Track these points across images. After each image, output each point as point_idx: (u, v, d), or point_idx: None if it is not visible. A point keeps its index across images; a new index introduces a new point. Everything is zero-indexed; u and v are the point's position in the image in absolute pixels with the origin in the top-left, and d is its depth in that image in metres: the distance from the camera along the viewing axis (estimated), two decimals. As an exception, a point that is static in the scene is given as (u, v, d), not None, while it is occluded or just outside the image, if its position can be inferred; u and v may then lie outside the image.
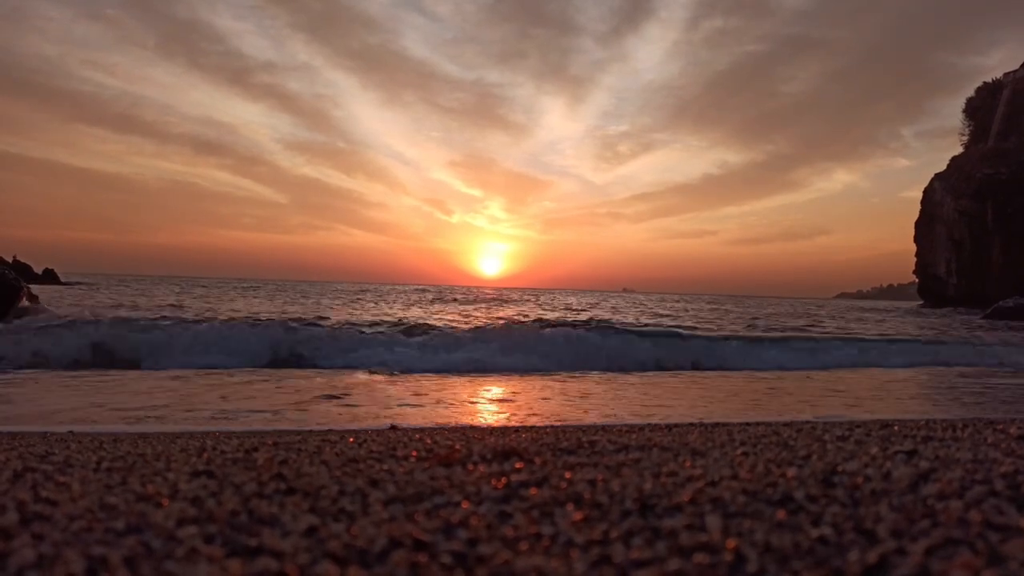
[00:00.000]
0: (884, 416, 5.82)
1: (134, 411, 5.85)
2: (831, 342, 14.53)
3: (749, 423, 4.09)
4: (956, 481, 1.41)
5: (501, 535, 1.11)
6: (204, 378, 8.38)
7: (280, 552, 1.02)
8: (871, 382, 9.47)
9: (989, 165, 62.60)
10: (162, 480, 1.58)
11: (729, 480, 1.48)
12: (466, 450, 1.97)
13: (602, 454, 1.94)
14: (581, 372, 10.11)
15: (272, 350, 10.77)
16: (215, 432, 4.21)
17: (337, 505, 1.31)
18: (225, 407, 6.19)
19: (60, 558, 0.97)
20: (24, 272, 44.93)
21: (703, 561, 0.98)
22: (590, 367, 10.62)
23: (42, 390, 7.13)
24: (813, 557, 0.99)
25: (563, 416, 5.99)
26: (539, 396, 7.46)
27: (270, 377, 8.69)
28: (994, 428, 2.49)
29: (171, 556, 0.99)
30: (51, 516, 1.22)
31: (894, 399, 7.75)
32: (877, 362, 12.40)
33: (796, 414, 6.21)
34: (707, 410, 6.49)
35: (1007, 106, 68.82)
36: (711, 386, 8.67)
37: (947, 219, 65.61)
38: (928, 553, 0.99)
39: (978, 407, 6.85)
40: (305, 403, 6.56)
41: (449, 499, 1.35)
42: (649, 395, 7.71)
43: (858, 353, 13.21)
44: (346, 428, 4.71)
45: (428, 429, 4.30)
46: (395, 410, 6.20)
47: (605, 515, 1.22)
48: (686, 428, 3.47)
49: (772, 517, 1.19)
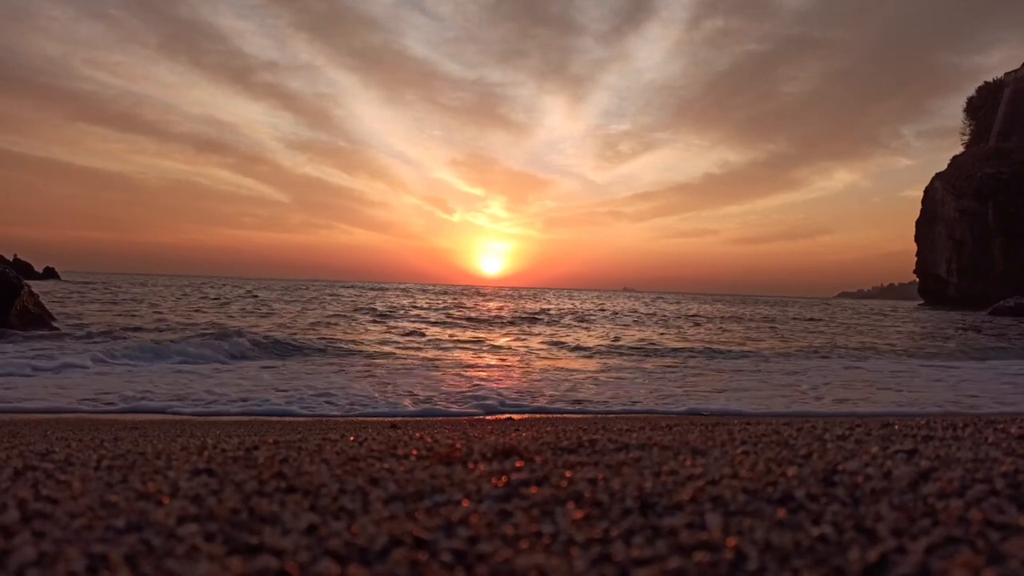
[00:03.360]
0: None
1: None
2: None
3: (750, 422, 4.09)
4: (957, 480, 1.41)
5: (501, 533, 1.11)
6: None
7: (281, 550, 1.02)
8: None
9: (990, 165, 62.54)
10: (163, 478, 1.58)
11: (729, 479, 1.47)
12: (466, 448, 1.97)
13: (602, 453, 1.94)
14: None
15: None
16: (215, 431, 4.21)
17: (337, 503, 1.31)
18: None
19: (61, 556, 0.97)
20: (25, 271, 44.90)
21: (703, 559, 0.98)
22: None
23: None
24: (814, 555, 0.99)
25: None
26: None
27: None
28: (995, 427, 2.49)
29: (172, 554, 1.00)
30: (52, 514, 1.22)
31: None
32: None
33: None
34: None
35: (1008, 105, 68.74)
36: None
37: (948, 219, 65.55)
38: (929, 552, 0.99)
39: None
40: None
41: (449, 497, 1.35)
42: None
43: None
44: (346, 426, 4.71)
45: (428, 427, 4.30)
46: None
47: (605, 513, 1.22)
48: (687, 427, 3.47)
49: (773, 516, 1.19)
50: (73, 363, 10.65)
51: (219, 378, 10.36)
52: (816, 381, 11.71)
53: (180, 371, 10.97)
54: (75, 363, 10.67)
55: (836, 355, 17.35)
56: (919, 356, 17.55)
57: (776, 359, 15.98)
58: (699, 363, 14.75)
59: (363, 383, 10.22)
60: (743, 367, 14.12)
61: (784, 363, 14.99)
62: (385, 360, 13.69)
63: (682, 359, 15.58)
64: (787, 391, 10.54)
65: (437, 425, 5.03)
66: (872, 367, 14.34)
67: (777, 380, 11.96)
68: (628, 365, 14.19)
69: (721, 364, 14.69)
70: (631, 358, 15.74)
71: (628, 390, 10.39)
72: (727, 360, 15.59)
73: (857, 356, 17.12)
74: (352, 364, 12.82)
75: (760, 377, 12.42)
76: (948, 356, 17.78)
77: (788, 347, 19.30)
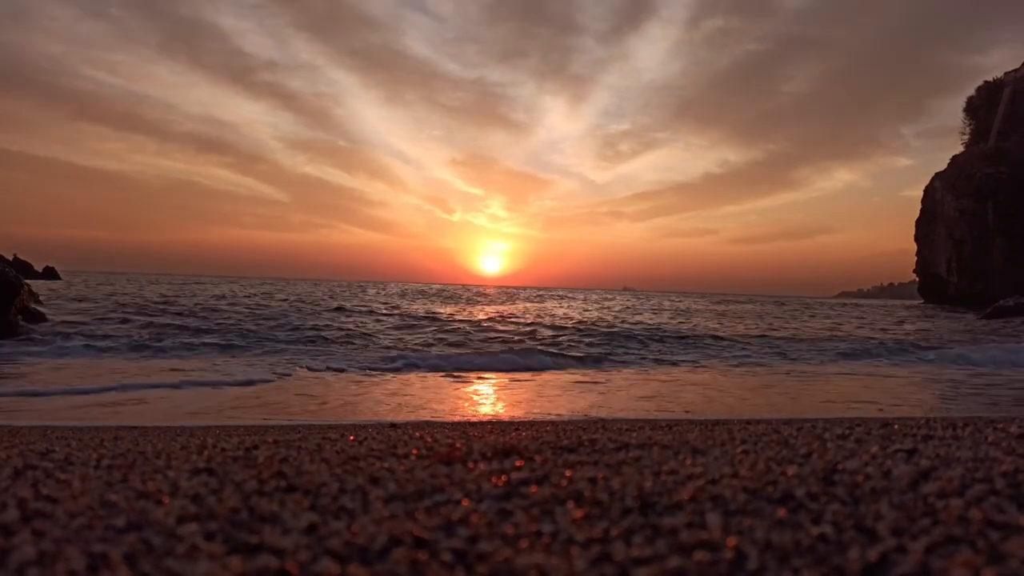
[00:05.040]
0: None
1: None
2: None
3: (750, 421, 4.09)
4: (956, 479, 1.41)
5: (502, 533, 1.11)
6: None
7: (281, 549, 1.02)
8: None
9: (990, 164, 62.54)
10: (163, 478, 1.58)
11: (729, 478, 1.48)
12: (466, 448, 1.97)
13: (602, 452, 1.94)
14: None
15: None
16: (215, 430, 4.21)
17: (338, 503, 1.31)
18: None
19: (61, 555, 0.97)
20: (25, 270, 44.91)
21: (703, 559, 0.98)
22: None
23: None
24: (813, 555, 0.99)
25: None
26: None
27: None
28: (994, 427, 2.49)
29: (172, 553, 1.00)
30: (52, 513, 1.22)
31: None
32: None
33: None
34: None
35: (1008, 105, 68.73)
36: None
37: (948, 218, 65.55)
38: (929, 551, 0.99)
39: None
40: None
41: (449, 497, 1.35)
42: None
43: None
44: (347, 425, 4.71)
45: (428, 427, 4.30)
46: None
47: (605, 513, 1.22)
48: (686, 426, 3.47)
49: (772, 515, 1.19)
50: (72, 362, 10.66)
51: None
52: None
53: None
54: (75, 362, 10.68)
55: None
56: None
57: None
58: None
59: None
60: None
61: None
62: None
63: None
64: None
65: (437, 425, 5.03)
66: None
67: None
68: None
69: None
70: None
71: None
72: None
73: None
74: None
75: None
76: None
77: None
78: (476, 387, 9.00)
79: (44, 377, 8.76)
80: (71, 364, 10.27)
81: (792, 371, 11.73)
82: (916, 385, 10.08)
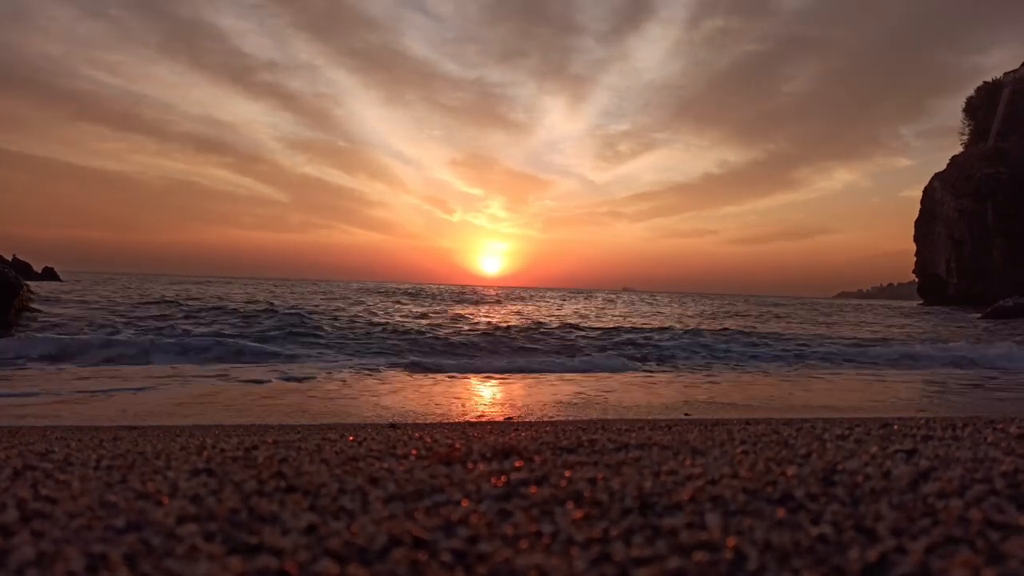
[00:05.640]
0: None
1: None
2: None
3: (749, 421, 4.09)
4: (956, 480, 1.41)
5: (501, 533, 1.11)
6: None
7: (280, 550, 1.02)
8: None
9: (989, 164, 62.58)
10: (162, 478, 1.58)
11: (729, 478, 1.48)
12: (466, 448, 1.97)
13: (602, 452, 1.94)
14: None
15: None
16: (215, 430, 4.21)
17: (337, 503, 1.31)
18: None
19: (60, 555, 0.97)
20: (24, 270, 44.90)
21: (703, 559, 0.98)
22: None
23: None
24: (813, 555, 0.99)
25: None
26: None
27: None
28: (994, 427, 2.49)
29: (171, 554, 0.99)
30: (51, 514, 1.22)
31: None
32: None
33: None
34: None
35: (1007, 105, 68.77)
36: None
37: (947, 218, 65.59)
38: (928, 551, 0.99)
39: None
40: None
41: (449, 497, 1.35)
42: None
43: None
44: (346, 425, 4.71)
45: (428, 427, 4.30)
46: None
47: (605, 513, 1.22)
48: (686, 427, 3.47)
49: (772, 515, 1.19)
50: (72, 362, 10.66)
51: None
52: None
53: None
54: (75, 362, 10.69)
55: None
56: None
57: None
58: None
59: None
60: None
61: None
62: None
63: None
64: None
65: (436, 425, 5.03)
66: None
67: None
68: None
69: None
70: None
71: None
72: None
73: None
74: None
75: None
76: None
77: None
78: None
79: (44, 377, 8.77)
80: (71, 364, 10.28)
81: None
82: (915, 385, 10.09)
